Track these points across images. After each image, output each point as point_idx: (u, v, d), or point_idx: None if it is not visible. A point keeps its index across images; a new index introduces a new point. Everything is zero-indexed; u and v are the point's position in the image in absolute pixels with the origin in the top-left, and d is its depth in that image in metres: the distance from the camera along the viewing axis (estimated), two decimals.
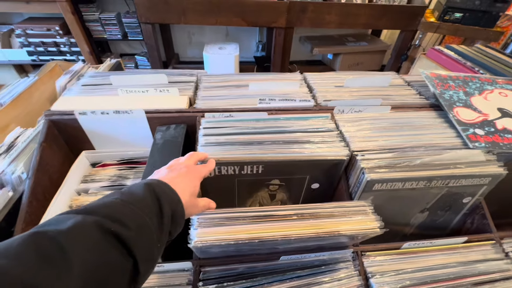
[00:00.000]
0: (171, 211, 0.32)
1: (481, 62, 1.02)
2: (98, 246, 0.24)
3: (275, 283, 0.49)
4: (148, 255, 0.28)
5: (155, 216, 0.30)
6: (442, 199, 0.59)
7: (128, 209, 0.28)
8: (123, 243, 0.26)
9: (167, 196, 0.32)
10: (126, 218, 0.27)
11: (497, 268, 0.54)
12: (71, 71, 0.93)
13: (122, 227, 0.26)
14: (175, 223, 0.33)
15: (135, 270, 0.26)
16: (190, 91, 0.70)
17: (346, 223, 0.44)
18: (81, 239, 0.23)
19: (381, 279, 0.51)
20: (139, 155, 0.68)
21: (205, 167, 0.45)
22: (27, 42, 2.08)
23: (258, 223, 0.43)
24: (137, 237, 0.27)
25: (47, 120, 0.59)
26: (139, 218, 0.28)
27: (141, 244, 0.27)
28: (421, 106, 0.70)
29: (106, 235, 0.25)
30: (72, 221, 0.24)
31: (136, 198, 0.30)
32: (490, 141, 0.59)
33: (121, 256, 0.25)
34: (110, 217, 0.26)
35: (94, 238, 0.24)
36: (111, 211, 0.27)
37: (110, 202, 0.29)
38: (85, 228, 0.24)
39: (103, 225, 0.25)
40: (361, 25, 1.96)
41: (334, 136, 0.58)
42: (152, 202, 0.30)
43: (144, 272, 0.27)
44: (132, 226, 0.27)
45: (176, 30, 2.47)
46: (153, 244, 0.29)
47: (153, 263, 0.30)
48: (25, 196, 0.51)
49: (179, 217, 0.33)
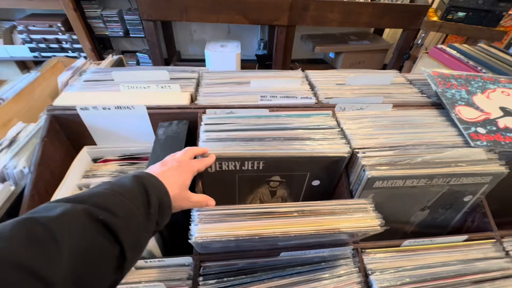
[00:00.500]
0: (158, 201, 0.33)
1: (484, 61, 1.02)
2: (86, 233, 0.25)
3: (275, 278, 0.49)
4: (134, 243, 0.29)
5: (143, 206, 0.31)
6: (443, 197, 0.59)
7: (116, 199, 0.29)
8: (110, 230, 0.26)
9: (155, 187, 0.34)
10: (115, 207, 0.28)
11: (498, 267, 0.54)
12: (73, 67, 0.93)
13: (110, 215, 0.27)
14: (162, 214, 0.34)
15: (122, 257, 0.27)
16: (192, 87, 0.70)
17: (347, 220, 0.44)
18: (70, 226, 0.24)
19: (381, 276, 0.51)
20: (140, 151, 0.68)
21: (200, 162, 0.46)
22: (29, 39, 2.08)
23: (259, 220, 0.43)
24: (125, 225, 0.28)
25: (49, 115, 0.59)
26: (127, 208, 0.29)
27: (128, 232, 0.28)
28: (422, 104, 0.70)
29: (95, 222, 0.26)
30: (61, 208, 0.25)
31: (124, 188, 0.31)
32: (492, 139, 0.59)
33: (108, 243, 0.26)
34: (99, 205, 0.27)
35: (83, 225, 0.25)
36: (100, 200, 0.28)
37: (99, 192, 0.30)
38: (74, 215, 0.25)
39: (91, 213, 0.26)
40: (364, 24, 1.96)
41: (335, 133, 0.58)
42: (140, 192, 0.32)
43: (130, 258, 0.28)
44: (120, 215, 0.28)
45: (177, 28, 2.46)
46: (140, 232, 0.30)
47: (140, 250, 0.31)
48: (27, 189, 0.52)
49: (166, 208, 0.35)
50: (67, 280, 0.22)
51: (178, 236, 0.57)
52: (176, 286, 0.47)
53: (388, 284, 0.50)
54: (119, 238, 0.27)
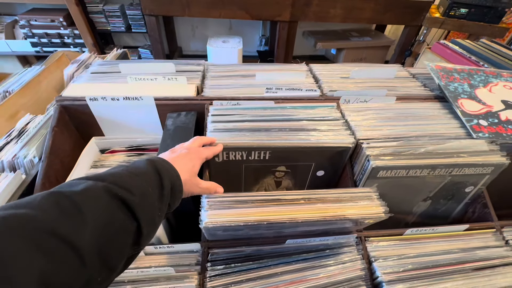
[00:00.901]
0: (170, 184, 0.35)
1: (486, 56, 1.03)
2: (107, 207, 0.27)
3: (281, 265, 0.50)
4: (150, 220, 0.31)
5: (157, 188, 0.33)
6: (445, 188, 0.60)
7: (133, 179, 0.31)
8: (128, 207, 0.28)
9: (167, 171, 0.35)
10: (131, 186, 0.30)
11: (497, 255, 0.55)
12: (79, 60, 0.94)
13: (128, 193, 0.29)
14: (174, 196, 0.36)
15: (139, 232, 0.29)
16: (198, 80, 0.71)
17: (352, 207, 0.45)
18: (93, 200, 0.26)
19: (384, 263, 0.52)
20: (147, 142, 0.69)
21: (208, 150, 0.47)
22: (30, 33, 2.08)
23: (267, 207, 0.44)
24: (141, 203, 0.29)
25: (58, 105, 0.60)
26: (142, 187, 0.31)
27: (144, 209, 0.29)
28: (426, 97, 0.71)
29: (114, 198, 0.28)
30: (84, 185, 0.27)
31: (140, 171, 0.33)
32: (494, 131, 0.60)
33: (126, 218, 0.28)
34: (117, 184, 0.29)
35: (104, 200, 0.27)
36: (118, 179, 0.30)
37: (117, 173, 0.31)
38: (96, 191, 0.27)
39: (111, 190, 0.28)
40: (366, 20, 1.96)
41: (340, 124, 0.59)
42: (154, 175, 0.34)
43: (146, 234, 0.30)
44: (137, 193, 0.29)
45: (179, 23, 2.46)
46: (154, 211, 0.32)
47: (154, 228, 0.33)
48: (38, 177, 0.53)
49: (178, 191, 0.36)
50: (91, 249, 0.23)
51: (185, 223, 0.58)
52: (185, 270, 0.48)
53: (391, 270, 0.51)
54: (136, 215, 0.28)
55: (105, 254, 0.25)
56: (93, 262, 0.24)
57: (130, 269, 0.48)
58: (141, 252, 0.49)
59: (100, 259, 0.24)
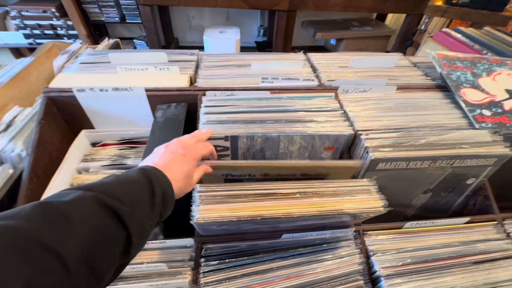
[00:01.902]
0: (162, 193, 0.35)
1: (490, 44, 1.00)
2: (96, 217, 0.27)
3: (277, 259, 0.49)
4: (140, 230, 0.31)
5: (148, 196, 0.33)
6: (446, 180, 0.58)
7: (123, 188, 0.31)
8: (118, 216, 0.28)
9: (159, 180, 0.35)
10: (121, 195, 0.30)
11: (498, 248, 0.54)
12: (69, 51, 0.91)
13: (118, 202, 0.29)
14: (165, 206, 0.35)
15: (128, 242, 0.29)
16: (191, 70, 0.68)
17: (350, 201, 0.43)
18: (81, 210, 0.26)
19: (382, 257, 0.51)
20: (139, 135, 0.67)
21: (205, 147, 0.45)
22: (23, 25, 2.03)
23: (261, 201, 0.42)
24: (131, 212, 0.29)
25: (45, 97, 0.58)
26: (133, 196, 0.31)
27: (134, 218, 0.30)
28: (427, 87, 0.68)
29: (104, 208, 0.28)
30: (73, 195, 0.27)
31: (131, 179, 0.33)
32: (497, 122, 0.58)
33: (116, 227, 0.28)
34: (107, 193, 0.29)
35: (93, 210, 0.27)
36: (108, 188, 0.30)
37: (107, 182, 0.32)
38: (85, 200, 0.27)
39: (101, 199, 0.28)
40: (366, 9, 1.91)
41: (338, 115, 0.57)
42: (145, 183, 0.33)
43: (136, 244, 0.30)
44: (127, 202, 0.30)
45: (175, 13, 2.40)
46: (145, 220, 0.32)
47: (145, 238, 0.33)
48: (25, 172, 0.51)
49: (169, 200, 0.36)
50: (79, 259, 0.24)
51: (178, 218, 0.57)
52: (178, 266, 0.47)
53: (389, 264, 0.50)
54: (125, 224, 0.28)
55: (93, 263, 0.25)
56: (80, 271, 0.24)
57: None
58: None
59: (88, 268, 0.25)
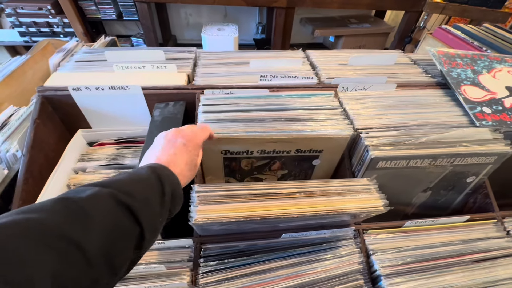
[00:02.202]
0: (171, 190, 0.36)
1: (489, 41, 0.99)
2: (112, 212, 0.28)
3: (276, 259, 0.49)
4: (152, 225, 0.32)
5: (158, 194, 0.34)
6: (446, 178, 0.58)
7: (136, 186, 0.32)
8: (132, 212, 0.29)
9: (168, 178, 0.36)
10: (134, 192, 0.31)
11: (498, 246, 0.54)
12: (64, 49, 0.90)
13: (131, 199, 0.30)
14: (174, 203, 0.37)
15: (141, 237, 0.30)
16: (189, 68, 0.67)
17: (350, 201, 0.43)
18: (99, 205, 0.28)
19: (382, 256, 0.51)
20: (137, 134, 0.66)
21: (203, 131, 0.46)
22: (18, 22, 2.00)
23: (260, 201, 0.42)
24: (143, 208, 0.31)
25: (40, 96, 0.57)
26: (145, 193, 0.32)
27: (146, 214, 0.31)
28: (427, 84, 0.68)
29: (119, 204, 0.29)
30: (90, 191, 0.28)
31: (142, 177, 0.34)
32: (498, 119, 0.58)
33: (130, 223, 0.29)
34: (122, 190, 0.30)
35: (109, 205, 0.28)
36: (122, 185, 0.31)
37: (121, 179, 0.33)
38: (101, 197, 0.28)
39: (116, 196, 0.29)
40: (365, 6, 1.90)
41: (338, 113, 0.56)
42: (155, 181, 0.34)
43: (148, 239, 0.31)
44: (139, 199, 0.31)
45: (172, 10, 2.38)
46: (156, 216, 0.33)
47: (156, 233, 0.34)
48: (20, 173, 0.50)
49: (178, 198, 0.37)
50: (98, 252, 0.25)
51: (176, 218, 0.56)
52: (176, 267, 0.47)
53: (389, 264, 0.50)
54: (139, 220, 0.30)
55: (110, 257, 0.26)
56: (99, 264, 0.25)
57: None
58: None
59: (106, 261, 0.26)
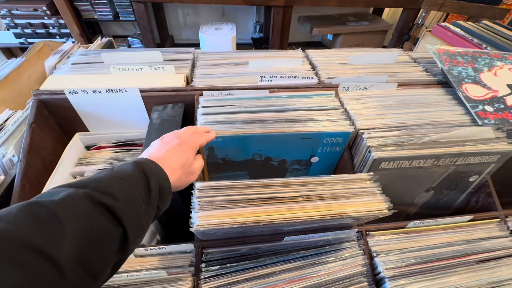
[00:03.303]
0: (158, 186, 0.34)
1: (488, 38, 0.99)
2: (88, 215, 0.26)
3: (279, 263, 0.48)
4: (136, 225, 0.30)
5: (143, 191, 0.32)
6: (449, 178, 0.57)
7: (117, 184, 0.30)
8: (112, 213, 0.27)
9: (155, 173, 0.34)
10: (115, 191, 0.29)
11: (502, 246, 0.54)
12: (61, 50, 0.88)
13: (112, 199, 0.28)
14: (162, 199, 0.35)
15: (125, 238, 0.28)
16: (187, 69, 0.66)
17: (354, 204, 0.42)
18: (72, 208, 0.25)
19: (386, 258, 0.50)
20: (135, 137, 0.65)
21: (202, 136, 0.44)
22: (13, 24, 1.98)
23: (262, 206, 0.41)
24: (126, 208, 0.29)
25: (36, 100, 0.56)
26: (128, 192, 0.30)
27: (129, 214, 0.29)
28: (428, 83, 0.67)
29: (96, 205, 0.27)
30: (64, 193, 0.26)
31: (125, 174, 0.32)
32: (500, 118, 0.57)
33: (110, 225, 0.27)
34: (100, 190, 0.28)
35: (84, 207, 0.26)
36: (101, 185, 0.29)
37: (100, 178, 0.30)
38: (76, 199, 0.26)
39: (93, 197, 0.27)
40: (363, 3, 1.89)
41: (339, 114, 0.56)
42: (140, 178, 0.32)
43: (133, 240, 0.29)
44: (121, 198, 0.29)
45: (169, 10, 2.36)
46: (141, 215, 0.31)
47: (142, 232, 0.32)
48: (17, 179, 0.49)
49: (166, 193, 0.35)
50: (72, 259, 0.23)
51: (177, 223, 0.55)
52: (178, 273, 0.46)
53: (393, 265, 0.49)
54: (121, 220, 0.28)
55: (89, 262, 0.25)
56: (75, 272, 0.23)
57: (119, 273, 0.45)
58: (131, 255, 0.46)
59: (84, 268, 0.24)
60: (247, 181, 0.43)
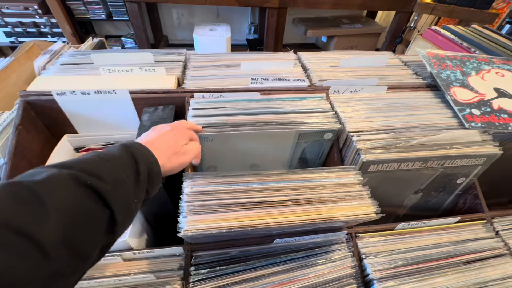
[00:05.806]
0: (147, 169, 0.33)
1: (477, 42, 1.01)
2: (73, 196, 0.25)
3: (268, 266, 0.48)
4: (124, 208, 0.29)
5: (132, 173, 0.31)
6: (437, 180, 0.58)
7: (104, 165, 0.29)
8: (99, 195, 0.27)
9: (143, 156, 0.34)
10: (102, 173, 0.28)
11: (488, 247, 0.55)
12: (50, 50, 0.87)
13: (98, 180, 0.27)
14: (152, 182, 0.34)
15: (112, 221, 0.28)
16: (178, 70, 0.66)
17: (342, 208, 0.42)
18: (56, 189, 0.24)
19: (374, 259, 0.51)
20: (125, 138, 0.65)
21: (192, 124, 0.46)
22: (3, 22, 1.95)
23: (251, 210, 0.41)
24: (113, 190, 0.28)
25: (22, 102, 0.55)
26: (115, 174, 0.29)
27: (117, 196, 0.28)
28: (417, 86, 0.68)
29: (82, 186, 0.26)
30: (46, 173, 0.25)
31: (113, 156, 0.31)
32: (486, 121, 0.58)
33: (97, 207, 0.26)
34: (86, 171, 0.27)
35: (69, 188, 0.25)
36: (87, 166, 0.28)
37: (86, 159, 0.29)
38: (60, 179, 0.25)
39: (78, 177, 0.26)
40: (357, 6, 1.91)
41: (329, 116, 0.56)
42: (128, 160, 0.31)
43: (121, 222, 0.29)
44: (108, 180, 0.28)
45: (164, 10, 2.35)
46: (129, 198, 0.30)
47: (130, 215, 0.31)
48: (2, 181, 0.48)
49: (155, 177, 0.35)
50: (57, 241, 0.22)
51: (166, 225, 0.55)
52: (167, 276, 0.46)
53: (381, 267, 0.50)
54: (108, 202, 0.27)
55: (74, 244, 0.24)
56: (60, 255, 0.23)
57: (107, 277, 0.44)
58: (119, 258, 0.46)
59: (69, 250, 0.23)
60: (236, 186, 0.43)
